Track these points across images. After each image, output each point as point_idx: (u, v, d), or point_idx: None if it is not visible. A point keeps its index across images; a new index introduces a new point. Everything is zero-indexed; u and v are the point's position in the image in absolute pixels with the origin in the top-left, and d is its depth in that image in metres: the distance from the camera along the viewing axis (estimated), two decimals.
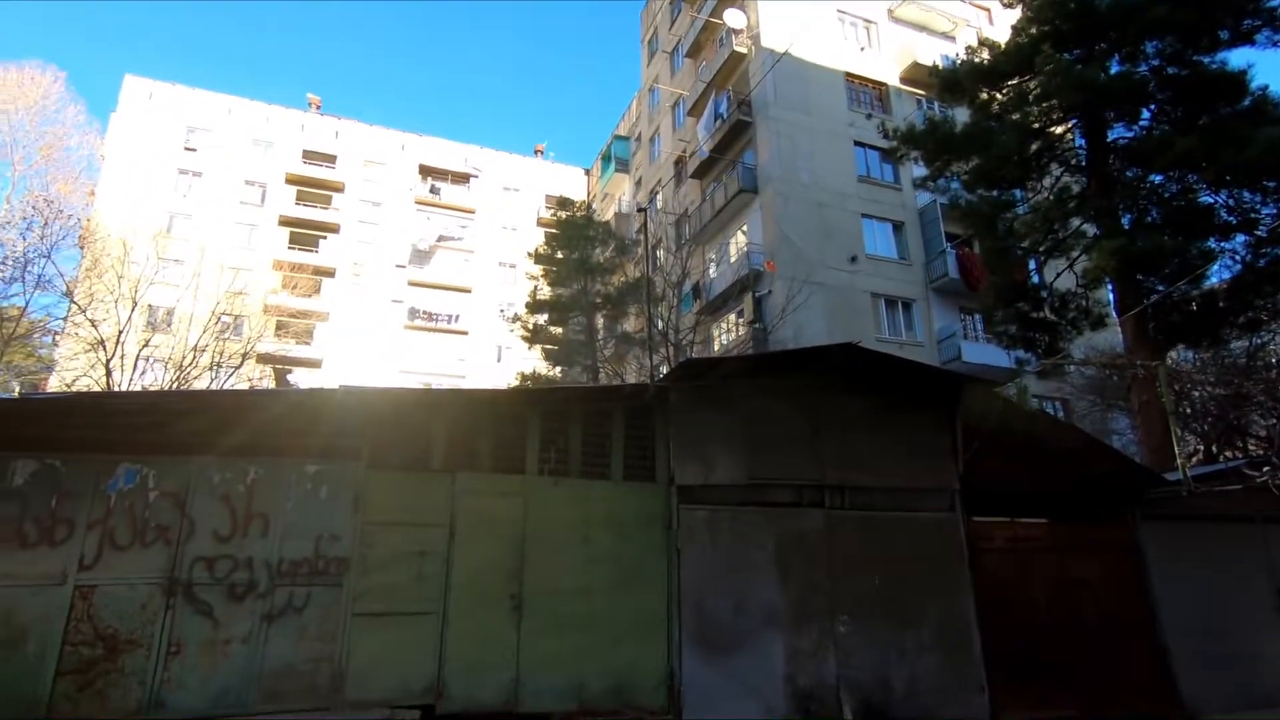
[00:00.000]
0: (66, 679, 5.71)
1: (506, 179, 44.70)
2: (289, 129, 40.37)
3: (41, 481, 6.06)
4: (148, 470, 6.31)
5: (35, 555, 5.90)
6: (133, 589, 6.03)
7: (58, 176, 23.98)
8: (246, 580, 6.29)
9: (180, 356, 23.28)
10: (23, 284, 20.69)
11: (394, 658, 6.44)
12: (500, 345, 38.48)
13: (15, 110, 23.01)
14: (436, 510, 6.91)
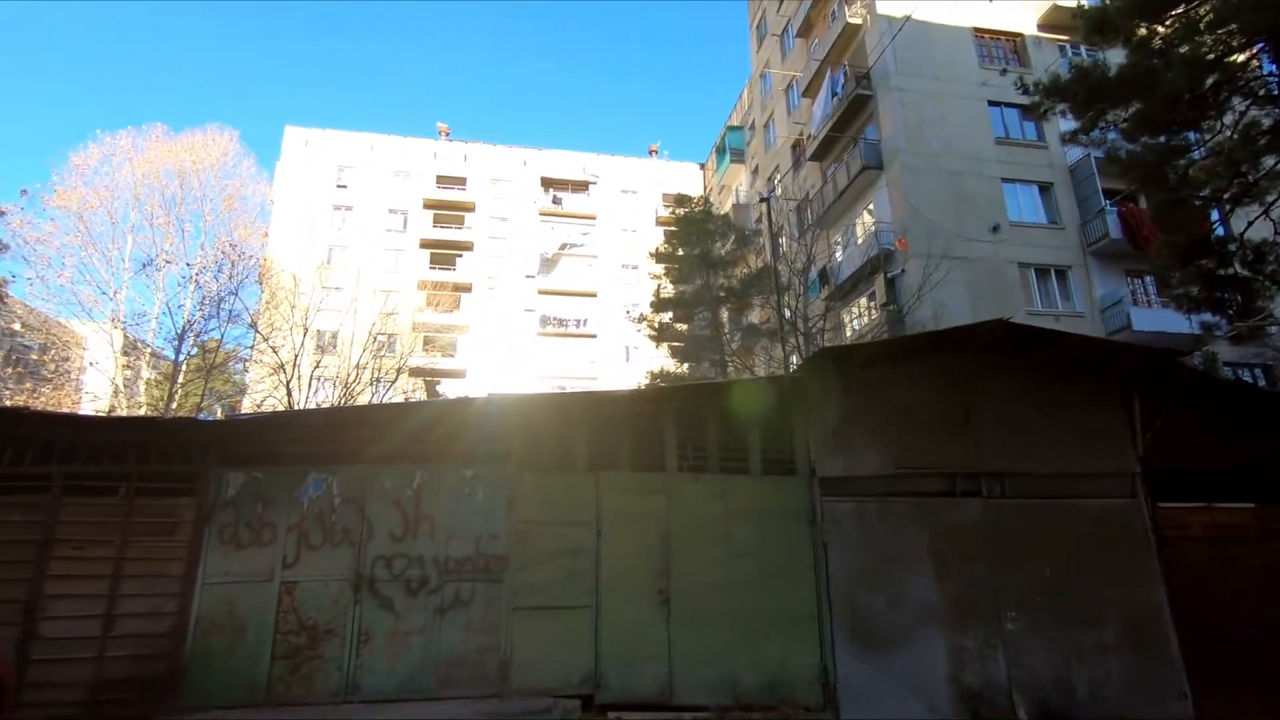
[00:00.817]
0: (279, 663, 6.51)
1: (624, 182, 45.54)
2: (423, 157, 43.45)
3: (248, 491, 6.95)
4: (332, 478, 7.06)
5: (248, 555, 6.78)
6: (326, 585, 6.77)
7: (238, 223, 27.24)
8: (419, 576, 6.87)
9: (345, 374, 25.78)
10: (218, 319, 23.76)
11: (553, 649, 6.78)
12: (628, 346, 39.30)
13: (202, 169, 26.46)
14: (583, 509, 7.19)
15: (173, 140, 26.88)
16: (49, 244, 23.21)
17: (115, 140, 25.93)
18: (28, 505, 6.59)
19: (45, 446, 6.75)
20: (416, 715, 6.10)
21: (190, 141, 27.04)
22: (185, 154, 26.36)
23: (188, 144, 27.04)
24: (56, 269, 23.06)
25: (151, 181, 25.25)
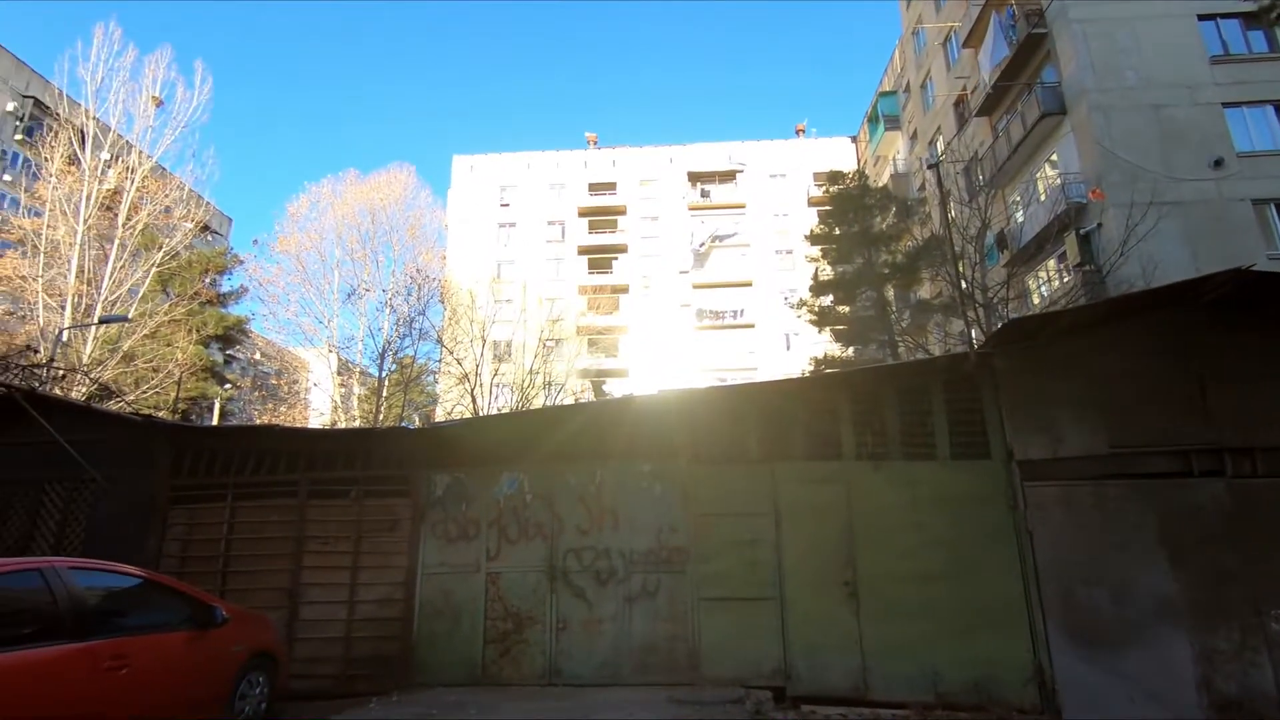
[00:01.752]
0: (491, 647, 7.14)
1: (771, 166, 44.59)
2: (575, 168, 45.42)
3: (453, 491, 7.69)
4: (523, 477, 7.61)
5: (457, 548, 7.50)
6: (525, 575, 7.32)
7: (421, 249, 30.16)
8: (608, 568, 7.21)
9: (520, 380, 27.64)
10: (411, 337, 26.47)
11: (740, 640, 6.82)
12: (787, 333, 38.47)
13: (388, 204, 29.60)
14: (759, 500, 7.15)
15: (363, 182, 30.32)
16: (276, 284, 27.17)
17: (319, 188, 29.80)
18: (282, 508, 7.77)
19: (291, 457, 7.92)
20: (615, 699, 6.40)
21: (377, 181, 30.32)
22: (374, 193, 29.61)
23: (375, 184, 30.35)
24: (284, 305, 26.94)
25: (349, 221, 28.66)
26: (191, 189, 27.20)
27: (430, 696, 6.65)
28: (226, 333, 33.18)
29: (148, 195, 24.62)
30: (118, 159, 24.33)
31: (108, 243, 23.76)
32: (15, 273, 23.04)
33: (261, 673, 5.84)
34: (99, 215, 23.26)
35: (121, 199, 23.90)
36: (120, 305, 23.01)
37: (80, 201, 22.80)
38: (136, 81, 24.71)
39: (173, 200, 25.95)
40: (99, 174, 23.59)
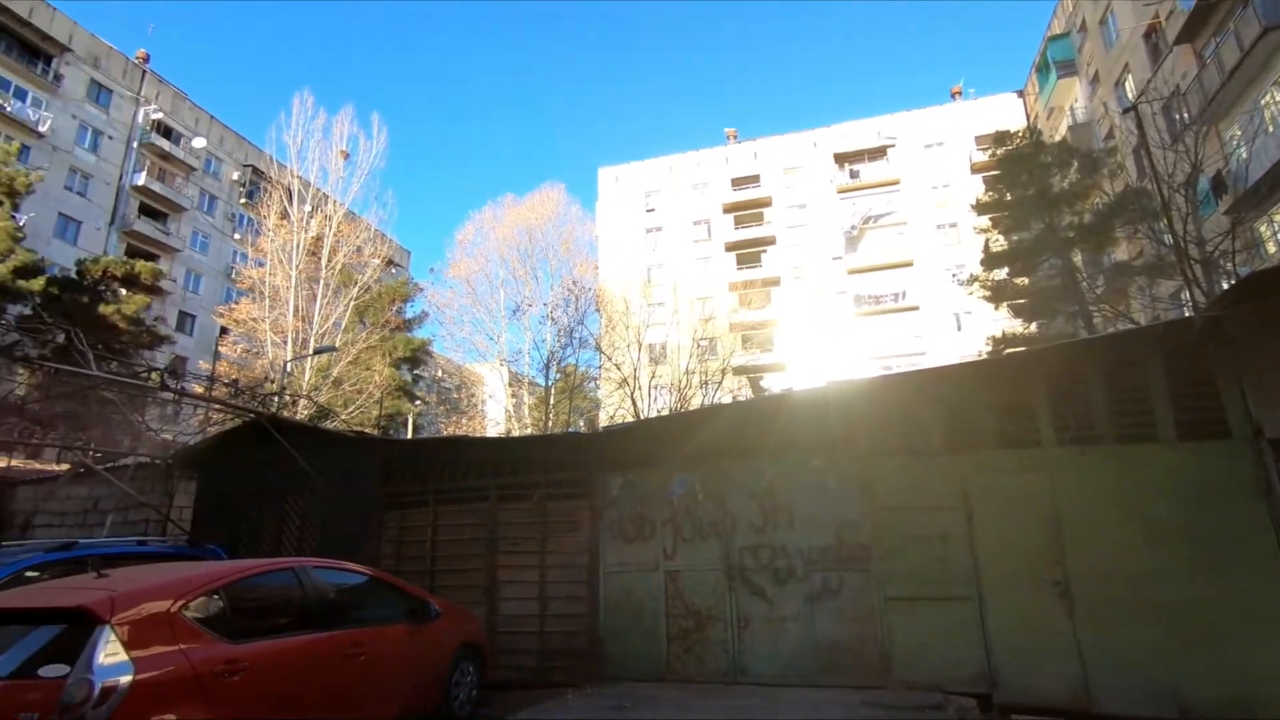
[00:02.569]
0: (674, 643, 7.28)
1: (925, 136, 41.65)
2: (716, 165, 45.30)
3: (628, 492, 7.93)
4: (693, 477, 7.69)
5: (635, 548, 7.72)
6: (703, 573, 7.38)
7: (575, 262, 31.60)
8: (786, 566, 7.08)
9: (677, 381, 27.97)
10: (571, 346, 27.76)
11: (936, 642, 6.40)
12: (957, 313, 35.72)
13: (542, 223, 31.32)
14: (946, 492, 6.67)
15: (519, 204, 32.30)
16: (451, 307, 29.70)
17: (480, 215, 32.18)
18: (476, 511, 8.44)
19: (480, 464, 8.58)
20: (806, 699, 6.26)
21: (531, 202, 32.16)
22: (529, 213, 31.44)
23: (530, 204, 32.22)
24: (459, 325, 29.38)
25: (509, 242, 30.65)
26: (377, 229, 30.49)
27: (621, 690, 6.89)
28: (413, 355, 36.72)
29: (343, 239, 27.95)
30: (317, 209, 27.84)
31: (315, 283, 27.24)
32: (249, 316, 27.09)
33: (471, 662, 6.38)
34: (306, 260, 26.74)
35: (322, 244, 27.32)
36: (328, 337, 26.28)
37: (292, 250, 26.36)
38: (327, 140, 28.18)
39: (362, 240, 29.24)
40: (304, 225, 27.13)
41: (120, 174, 38.99)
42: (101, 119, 38.79)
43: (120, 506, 9.81)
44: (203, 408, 12.02)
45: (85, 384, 9.54)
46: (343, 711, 4.83)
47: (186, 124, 43.53)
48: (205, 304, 41.33)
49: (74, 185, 36.41)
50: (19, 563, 5.81)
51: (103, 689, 3.46)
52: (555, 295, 29.68)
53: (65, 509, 10.32)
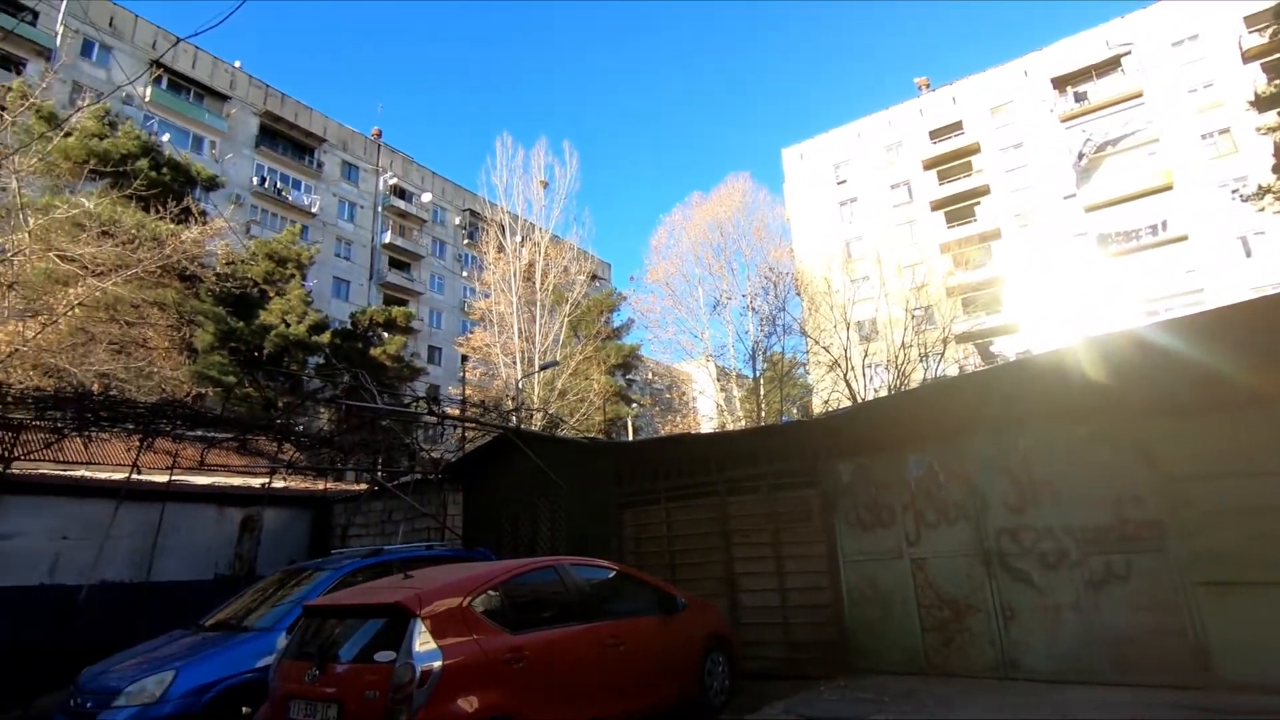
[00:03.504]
0: (930, 635, 6.82)
1: (1173, 31, 34.80)
2: (909, 120, 41.94)
3: (860, 478, 7.60)
4: (930, 457, 7.16)
5: (874, 535, 7.38)
6: (954, 560, 6.83)
7: (769, 248, 31.11)
8: (1054, 549, 6.31)
9: (894, 357, 26.28)
10: (776, 334, 27.34)
11: (1271, 635, 5.29)
12: (1243, 236, 29.41)
13: (731, 214, 31.27)
14: (1267, 453, 5.49)
15: (706, 200, 32.57)
16: (654, 310, 30.73)
17: (671, 218, 32.96)
18: (706, 506, 8.63)
19: (705, 460, 8.76)
20: (1097, 700, 5.52)
21: (718, 196, 32.27)
22: (717, 208, 31.57)
23: (717, 199, 32.35)
24: (663, 328, 30.31)
25: (702, 239, 31.01)
26: (579, 248, 32.61)
27: (877, 683, 6.62)
28: (625, 361, 38.68)
29: (551, 262, 30.30)
30: (526, 239, 30.46)
31: (532, 306, 29.83)
32: (482, 343, 30.40)
33: (720, 653, 6.52)
34: (522, 286, 29.38)
35: (534, 270, 29.84)
36: (549, 353, 28.61)
37: (510, 279, 29.12)
38: (527, 174, 30.73)
39: (568, 260, 31.43)
40: (517, 254, 29.83)
41: (372, 235, 45.90)
42: (354, 192, 45.97)
43: (408, 517, 11.53)
44: (459, 427, 13.68)
45: (371, 415, 11.35)
46: (611, 699, 5.19)
47: (415, 183, 50.04)
48: (447, 336, 47.08)
49: (340, 251, 43.57)
50: (344, 567, 7.05)
51: (422, 672, 4.07)
52: (753, 285, 29.48)
53: (368, 521, 12.37)
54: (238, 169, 38.97)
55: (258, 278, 28.22)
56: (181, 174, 26.56)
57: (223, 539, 11.15)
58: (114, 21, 35.66)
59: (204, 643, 6.19)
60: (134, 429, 9.86)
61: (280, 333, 27.54)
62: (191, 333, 23.81)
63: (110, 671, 5.84)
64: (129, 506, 9.92)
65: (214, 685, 5.55)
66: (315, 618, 4.90)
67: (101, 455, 12.67)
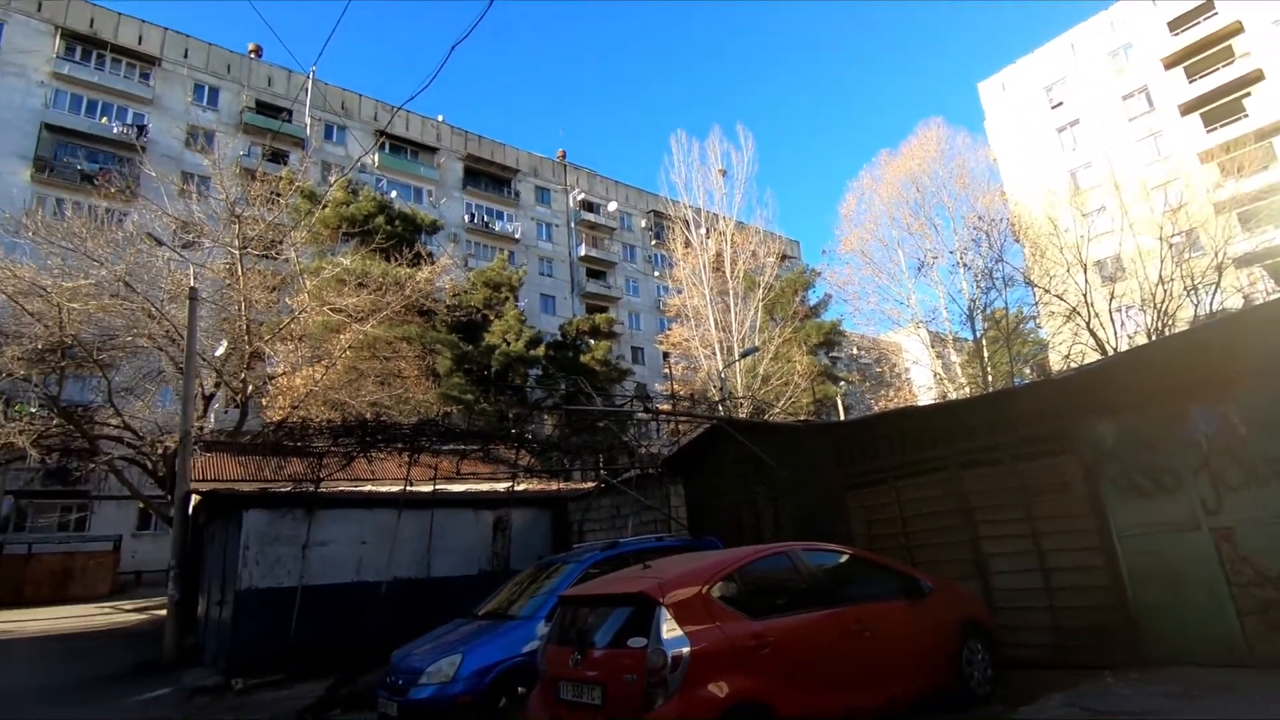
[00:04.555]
0: (1250, 619, 5.69)
1: None
2: (1137, 17, 35.52)
3: (1126, 440, 6.55)
4: (1222, 408, 5.97)
5: (1156, 504, 6.32)
6: (1275, 526, 5.63)
7: (975, 196, 28.11)
8: None
9: (1150, 294, 22.42)
10: (995, 289, 24.63)
11: None
12: None
13: (927, 166, 28.73)
14: None
15: (896, 156, 30.31)
16: (851, 283, 29.23)
17: (858, 183, 31.13)
18: (938, 482, 8.00)
19: (930, 434, 8.13)
20: None
21: (909, 150, 29.87)
22: (909, 162, 29.23)
23: (908, 153, 29.95)
24: (863, 299, 28.72)
25: (896, 198, 28.91)
26: (765, 230, 32.07)
27: (1179, 675, 5.67)
28: (826, 339, 37.34)
29: (738, 249, 30.14)
30: (711, 230, 30.60)
31: (724, 295, 29.90)
32: (681, 338, 31.12)
33: (977, 639, 6.00)
34: (713, 277, 29.55)
35: (723, 259, 29.88)
36: (746, 340, 28.47)
37: (700, 271, 29.46)
38: (705, 165, 30.83)
39: (755, 244, 31.03)
40: (704, 247, 30.08)
41: (568, 250, 49.09)
42: (548, 213, 49.49)
43: (634, 511, 12.13)
44: (671, 421, 14.11)
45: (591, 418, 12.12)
46: (862, 687, 5.00)
47: (600, 194, 52.62)
48: (647, 336, 48.89)
49: (544, 270, 47.14)
50: (586, 560, 7.59)
51: (672, 658, 4.24)
52: (961, 239, 26.85)
53: (599, 516, 13.22)
54: (451, 210, 43.80)
55: (478, 304, 31.48)
56: (409, 223, 30.47)
57: (481, 538, 12.57)
58: (344, 104, 41.85)
59: (479, 630, 7.01)
60: (402, 447, 11.49)
61: (503, 351, 30.48)
62: (433, 360, 27.23)
63: (412, 654, 6.85)
64: (407, 514, 11.57)
65: (493, 668, 6.28)
66: (570, 606, 5.32)
67: (381, 472, 14.95)
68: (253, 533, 10.55)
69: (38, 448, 18.06)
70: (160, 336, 18.29)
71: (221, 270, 20.70)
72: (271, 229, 21.94)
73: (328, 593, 10.82)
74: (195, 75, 37.47)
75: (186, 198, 22.92)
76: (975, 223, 26.19)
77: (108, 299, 17.94)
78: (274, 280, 22.25)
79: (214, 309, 20.07)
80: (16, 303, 17.26)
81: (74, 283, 17.51)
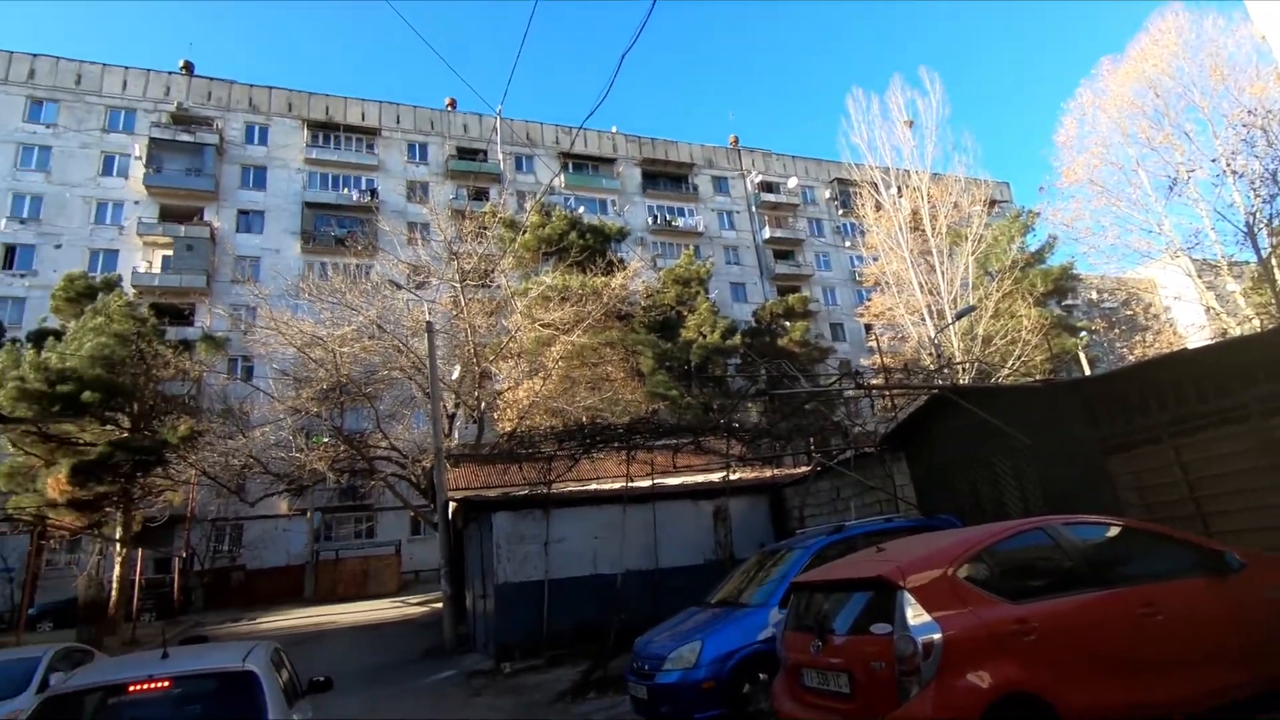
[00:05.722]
0: None
1: None
2: None
3: None
4: None
5: None
6: None
7: (1240, 86, 23.00)
8: None
9: None
10: None
11: None
12: None
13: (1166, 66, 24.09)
14: None
15: (1121, 63, 25.85)
16: (1080, 219, 25.42)
17: (1075, 103, 26.98)
18: (1236, 435, 6.62)
19: (1220, 377, 6.77)
20: None
21: (1140, 50, 25.31)
22: (1142, 65, 24.77)
23: (1137, 55, 25.39)
24: (1099, 234, 24.84)
25: (1127, 111, 24.66)
26: (966, 177, 29.11)
27: None
28: (1056, 286, 32.98)
29: (937, 202, 27.66)
30: (903, 188, 28.43)
31: (927, 255, 27.61)
32: (883, 307, 29.33)
33: None
34: (912, 238, 27.42)
35: (920, 217, 27.61)
36: (959, 300, 26.02)
37: (896, 234, 27.51)
38: (887, 120, 28.74)
39: (956, 195, 28.28)
40: (896, 207, 28.05)
41: (752, 235, 48.53)
42: (727, 202, 49.35)
43: (856, 492, 11.62)
44: (885, 396, 13.33)
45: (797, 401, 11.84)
46: (1159, 680, 4.31)
47: (778, 173, 51.35)
48: (845, 311, 46.78)
49: (730, 259, 47.07)
50: (812, 546, 7.40)
51: (923, 645, 3.97)
52: (1224, 142, 22.14)
53: (818, 501, 12.86)
54: (635, 215, 45.39)
55: (671, 302, 32.25)
56: (599, 235, 32.10)
57: (702, 529, 12.84)
58: (529, 134, 45.22)
59: (714, 618, 7.14)
60: (619, 446, 12.11)
61: (700, 344, 30.94)
62: (636, 361, 28.41)
63: (653, 641, 7.17)
64: (631, 509, 12.16)
65: (733, 654, 6.36)
66: (804, 593, 5.22)
67: (602, 471, 15.90)
68: (502, 533, 11.77)
69: (332, 471, 21.85)
70: (409, 367, 21.16)
71: (448, 303, 23.39)
72: (483, 260, 24.37)
73: (570, 585, 11.72)
74: (407, 136, 42.78)
75: (413, 244, 26.22)
76: (1245, 119, 21.50)
77: (367, 340, 21.17)
78: (490, 305, 24.72)
79: (446, 338, 22.73)
80: (304, 353, 21.09)
81: (341, 330, 20.92)
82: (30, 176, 34.35)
